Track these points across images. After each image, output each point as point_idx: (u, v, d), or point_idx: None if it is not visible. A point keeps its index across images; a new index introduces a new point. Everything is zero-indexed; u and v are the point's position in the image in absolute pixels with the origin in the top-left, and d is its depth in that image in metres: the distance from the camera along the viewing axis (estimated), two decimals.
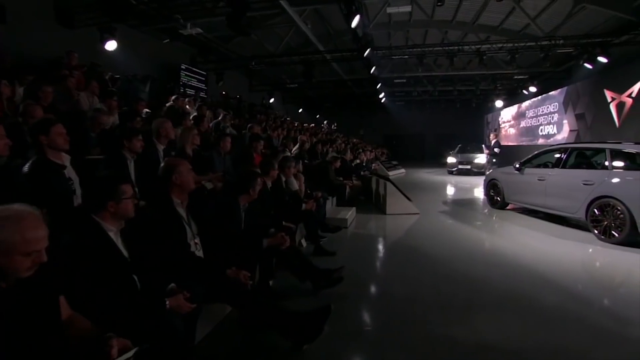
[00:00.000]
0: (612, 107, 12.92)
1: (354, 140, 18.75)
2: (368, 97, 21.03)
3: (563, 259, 4.52)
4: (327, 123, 25.65)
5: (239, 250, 2.76)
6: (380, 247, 5.47)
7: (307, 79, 13.41)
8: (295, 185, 5.01)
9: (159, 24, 11.31)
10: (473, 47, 12.06)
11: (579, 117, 14.94)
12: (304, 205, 4.48)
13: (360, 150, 11.65)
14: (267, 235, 3.02)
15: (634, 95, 11.89)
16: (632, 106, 11.98)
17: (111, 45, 8.33)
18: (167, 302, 1.79)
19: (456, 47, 12.36)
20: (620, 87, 12.45)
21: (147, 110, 5.80)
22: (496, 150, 11.86)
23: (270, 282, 3.45)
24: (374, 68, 12.22)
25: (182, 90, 12.19)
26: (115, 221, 1.84)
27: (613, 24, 11.89)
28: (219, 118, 7.71)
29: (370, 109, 25.46)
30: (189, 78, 13.21)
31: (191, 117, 6.08)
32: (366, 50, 10.18)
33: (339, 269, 3.42)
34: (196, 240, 2.49)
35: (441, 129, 25.72)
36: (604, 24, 12.12)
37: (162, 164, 2.55)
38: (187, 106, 8.88)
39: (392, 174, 16.50)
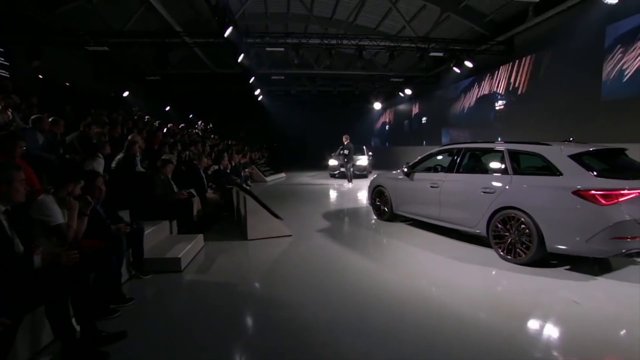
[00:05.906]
0: None
1: (229, 141, 16.47)
2: (247, 96, 18.94)
3: (464, 291, 3.58)
4: (201, 123, 22.79)
5: None
6: (222, 312, 3.18)
7: (161, 66, 10.73)
8: (57, 219, 2.69)
9: None
10: (353, 42, 11.14)
11: None
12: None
13: (225, 153, 9.51)
14: None
15: None
16: None
17: None
18: None
19: (335, 41, 11.32)
20: None
21: None
22: (345, 152, 12.44)
23: None
24: (242, 56, 10.24)
25: None
26: None
27: (472, 35, 12.88)
28: None
29: (251, 109, 23.44)
30: None
31: None
32: (227, 28, 8.09)
33: None
34: None
35: (323, 130, 25.15)
36: (466, 33, 13.04)
37: None
38: None
39: (270, 179, 14.83)
